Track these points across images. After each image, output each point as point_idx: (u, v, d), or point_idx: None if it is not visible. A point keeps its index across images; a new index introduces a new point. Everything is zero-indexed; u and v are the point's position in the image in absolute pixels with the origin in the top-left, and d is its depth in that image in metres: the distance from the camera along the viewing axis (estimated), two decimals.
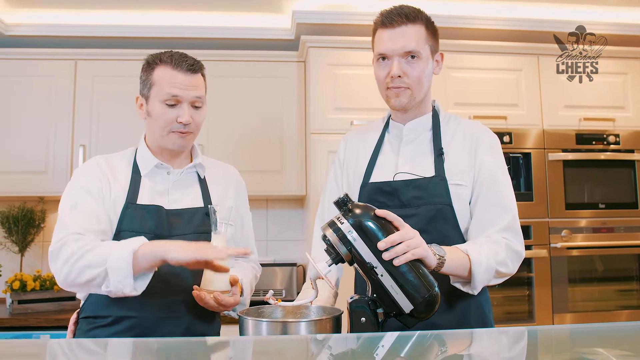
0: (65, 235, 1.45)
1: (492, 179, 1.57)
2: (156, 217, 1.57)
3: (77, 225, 1.47)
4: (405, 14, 1.55)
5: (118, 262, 1.37)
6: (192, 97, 1.58)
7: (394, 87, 1.58)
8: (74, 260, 1.41)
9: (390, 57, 1.57)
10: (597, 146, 2.99)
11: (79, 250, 1.41)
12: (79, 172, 1.62)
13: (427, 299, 1.29)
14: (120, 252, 1.38)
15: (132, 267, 1.38)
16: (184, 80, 1.57)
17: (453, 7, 2.98)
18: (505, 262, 1.50)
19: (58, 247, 1.45)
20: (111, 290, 1.40)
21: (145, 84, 1.62)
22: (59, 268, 1.44)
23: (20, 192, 3.01)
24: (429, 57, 1.57)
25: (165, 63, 1.59)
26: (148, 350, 1.15)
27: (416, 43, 1.54)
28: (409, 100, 1.59)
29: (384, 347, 1.17)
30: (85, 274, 1.41)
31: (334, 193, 1.75)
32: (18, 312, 2.79)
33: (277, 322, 1.29)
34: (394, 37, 1.55)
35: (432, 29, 1.60)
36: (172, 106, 1.57)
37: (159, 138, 1.61)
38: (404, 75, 1.55)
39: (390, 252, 1.27)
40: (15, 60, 3.04)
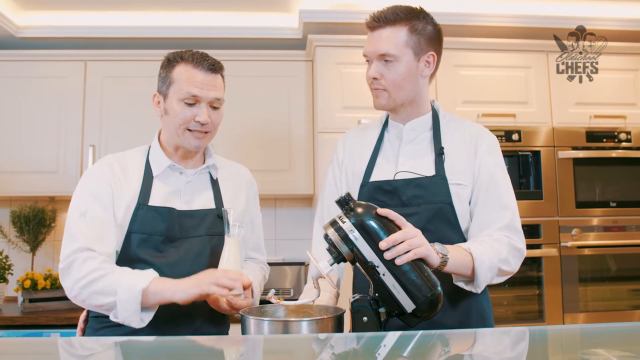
0: (75, 251, 1.46)
1: (491, 179, 1.58)
2: (168, 219, 1.56)
3: (86, 239, 1.47)
4: (385, 17, 1.56)
5: (127, 299, 1.40)
6: (211, 97, 1.57)
7: (373, 89, 1.62)
8: (85, 284, 1.43)
9: (370, 59, 1.59)
10: (607, 144, 2.95)
11: (90, 275, 1.43)
12: (89, 175, 1.61)
13: (429, 299, 1.29)
14: (131, 289, 1.40)
15: (140, 305, 1.41)
16: (204, 80, 1.55)
17: (461, 4, 2.96)
18: (507, 260, 1.51)
19: (68, 264, 1.46)
20: (119, 319, 1.44)
21: (165, 81, 1.59)
22: (69, 287, 1.46)
23: (31, 192, 3.04)
24: (410, 60, 1.56)
25: (186, 61, 1.57)
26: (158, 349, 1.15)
27: (392, 46, 1.54)
28: (387, 101, 1.61)
29: (386, 346, 1.17)
30: (94, 300, 1.44)
31: (332, 193, 1.76)
32: (29, 311, 2.82)
33: (278, 321, 1.29)
34: (371, 39, 1.58)
35: (422, 30, 1.57)
36: (191, 105, 1.56)
37: (175, 136, 1.60)
38: (380, 77, 1.58)
39: (391, 252, 1.27)
40: (26, 61, 3.07)
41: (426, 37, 1.58)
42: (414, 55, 1.57)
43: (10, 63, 3.07)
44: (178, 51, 1.61)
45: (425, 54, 1.59)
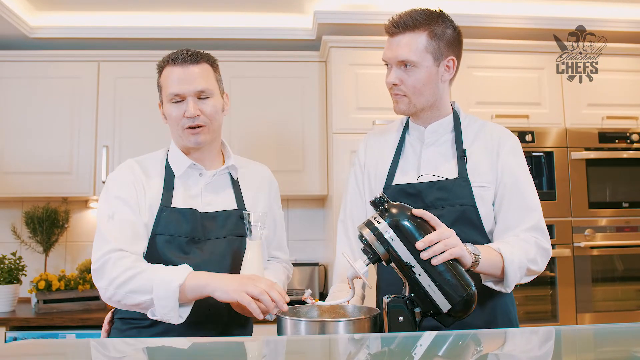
0: (107, 252, 1.45)
1: (515, 181, 1.59)
2: (191, 220, 1.56)
3: (117, 240, 1.47)
4: (404, 22, 1.56)
5: (165, 295, 1.39)
6: (193, 90, 1.55)
7: (393, 94, 1.62)
8: (120, 284, 1.42)
9: (390, 65, 1.60)
10: (620, 144, 2.97)
11: (124, 274, 1.42)
12: (114, 179, 1.61)
13: (464, 298, 1.30)
14: (167, 285, 1.39)
15: (178, 301, 1.40)
16: (183, 75, 1.55)
17: (474, 6, 2.97)
18: (535, 260, 1.52)
19: (101, 265, 1.45)
20: (157, 317, 1.43)
21: (158, 88, 1.64)
22: (104, 287, 1.45)
23: (45, 192, 3.03)
24: (430, 65, 1.56)
25: (167, 62, 1.60)
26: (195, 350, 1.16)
27: (412, 53, 1.54)
28: (407, 107, 1.61)
29: (422, 346, 1.18)
30: (131, 299, 1.43)
31: (355, 196, 1.76)
32: (44, 312, 2.82)
33: (315, 321, 1.30)
34: (391, 46, 1.59)
35: (441, 35, 1.57)
36: (178, 103, 1.57)
37: (178, 139, 1.62)
38: (400, 83, 1.58)
39: (428, 252, 1.28)
40: (39, 62, 3.07)
41: (446, 41, 1.58)
42: (434, 60, 1.57)
43: (23, 64, 3.07)
44: (166, 56, 1.63)
45: (445, 59, 1.59)
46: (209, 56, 1.64)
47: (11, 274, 2.87)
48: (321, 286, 3.18)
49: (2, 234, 3.28)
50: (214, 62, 1.65)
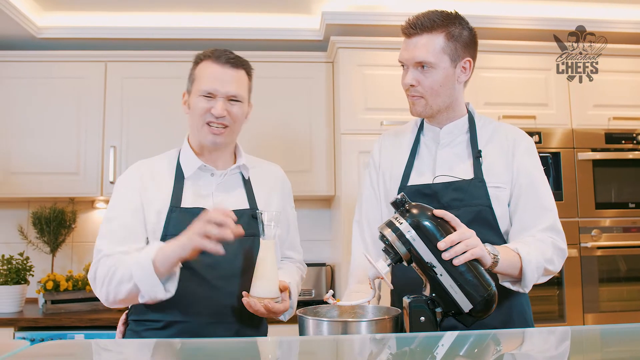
0: (98, 260, 1.52)
1: (531, 181, 1.60)
2: None
3: (109, 246, 1.52)
4: (422, 23, 1.56)
5: (142, 274, 1.42)
6: (227, 92, 1.58)
7: (410, 96, 1.63)
8: (108, 282, 1.48)
9: (407, 66, 1.60)
10: (626, 145, 2.98)
11: (108, 272, 1.48)
12: (119, 182, 1.66)
13: (485, 298, 1.30)
14: (141, 265, 1.42)
15: (155, 275, 1.42)
16: (221, 74, 1.58)
17: (481, 7, 2.98)
18: (552, 260, 1.53)
19: (93, 273, 1.53)
20: (147, 299, 1.46)
21: (190, 79, 1.65)
22: (98, 291, 1.52)
23: (52, 193, 3.03)
24: (447, 66, 1.57)
25: (208, 57, 1.62)
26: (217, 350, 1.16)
27: (430, 54, 1.55)
28: (423, 108, 1.62)
29: (444, 346, 1.18)
30: (121, 292, 1.47)
31: (371, 197, 1.77)
32: (51, 312, 2.82)
33: (338, 321, 1.30)
34: (408, 47, 1.59)
35: (458, 36, 1.57)
36: (208, 98, 1.58)
37: (197, 132, 1.62)
38: (417, 84, 1.58)
39: (450, 252, 1.29)
40: (46, 62, 3.07)
41: (462, 42, 1.59)
42: (451, 61, 1.57)
43: (30, 64, 3.06)
44: (204, 51, 1.66)
45: (462, 60, 1.60)
46: (248, 64, 1.66)
47: (19, 274, 2.87)
48: (328, 286, 3.18)
49: (9, 234, 3.28)
50: (250, 71, 1.67)
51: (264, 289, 1.47)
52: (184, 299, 1.53)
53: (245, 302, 1.48)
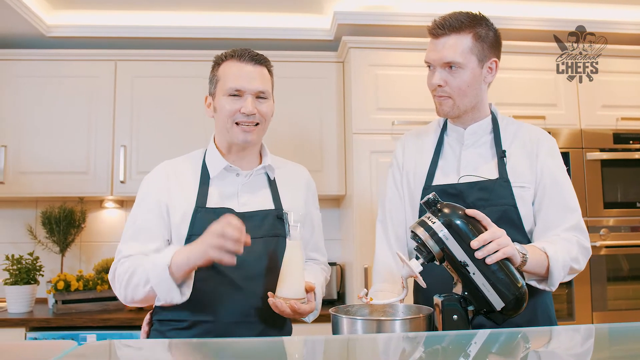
0: (118, 260, 1.56)
1: (555, 181, 1.62)
2: None
3: (129, 248, 1.55)
4: (450, 24, 1.57)
5: (159, 279, 1.44)
6: (255, 89, 1.58)
7: (437, 96, 1.63)
8: (125, 283, 1.51)
9: (434, 67, 1.61)
10: (634, 145, 3.01)
11: (126, 274, 1.51)
12: (145, 182, 1.66)
13: (517, 297, 1.32)
14: (157, 270, 1.44)
15: (171, 280, 1.44)
16: (247, 72, 1.57)
17: (491, 7, 3.00)
18: (577, 259, 1.55)
19: (113, 273, 1.58)
20: (163, 303, 1.48)
21: (212, 81, 1.64)
22: (117, 292, 1.56)
23: (61, 192, 3.01)
24: (475, 67, 1.58)
25: (230, 57, 1.61)
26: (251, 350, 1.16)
27: (458, 54, 1.56)
28: (451, 108, 1.63)
29: (477, 344, 1.20)
30: (138, 293, 1.50)
31: (394, 197, 1.78)
32: (62, 312, 2.81)
33: (372, 320, 1.31)
34: (436, 47, 1.60)
35: (485, 37, 1.59)
36: (235, 98, 1.57)
37: (225, 132, 1.61)
38: (444, 84, 1.59)
39: (482, 251, 1.30)
40: (56, 61, 3.05)
41: (489, 43, 1.61)
42: (478, 62, 1.59)
43: (40, 62, 3.05)
44: (224, 51, 1.65)
45: (488, 61, 1.61)
46: (269, 61, 1.66)
47: (29, 274, 2.85)
48: (338, 286, 3.19)
49: (18, 234, 3.26)
50: (271, 68, 1.68)
51: (290, 290, 1.47)
52: (209, 299, 1.53)
53: (271, 302, 1.48)
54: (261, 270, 1.57)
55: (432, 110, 2.90)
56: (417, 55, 2.97)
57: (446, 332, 1.32)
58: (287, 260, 1.52)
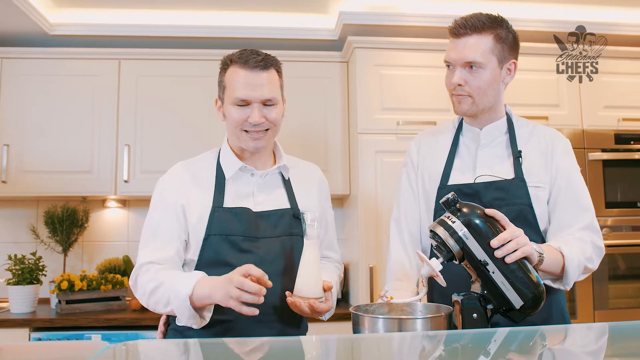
0: (138, 267, 1.56)
1: (569, 182, 1.64)
2: (245, 219, 1.57)
3: (150, 250, 1.56)
4: (472, 25, 1.58)
5: (179, 305, 1.45)
6: (260, 98, 1.54)
7: (456, 95, 1.64)
8: (148, 296, 1.53)
9: (454, 66, 1.62)
10: (635, 146, 3.04)
11: (147, 288, 1.51)
12: (160, 185, 1.66)
13: (535, 295, 1.34)
14: (179, 298, 1.44)
15: (192, 309, 1.45)
16: (252, 80, 1.53)
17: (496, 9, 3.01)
18: (592, 258, 1.57)
19: (134, 279, 1.57)
20: (182, 324, 1.50)
21: (220, 86, 1.62)
22: (139, 298, 1.57)
23: (64, 191, 3.00)
24: (495, 67, 1.60)
25: (235, 62, 1.57)
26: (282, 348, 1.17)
27: (479, 54, 1.57)
28: (469, 107, 1.64)
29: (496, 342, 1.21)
30: (159, 309, 1.53)
31: (409, 195, 1.79)
32: (66, 312, 2.79)
33: (394, 318, 1.32)
34: (457, 47, 1.61)
35: (508, 39, 1.61)
36: (242, 107, 1.55)
37: (235, 139, 1.62)
38: (465, 84, 1.61)
39: (502, 250, 1.31)
40: (59, 59, 3.04)
41: (508, 44, 1.62)
42: (498, 62, 1.61)
43: (43, 61, 3.03)
44: (231, 53, 1.61)
45: (508, 62, 1.63)
46: (277, 62, 1.62)
47: (32, 274, 2.84)
48: (342, 285, 3.19)
49: (20, 233, 3.25)
50: (280, 67, 1.64)
51: (309, 289, 1.48)
52: None
53: (290, 301, 1.49)
54: (279, 270, 1.57)
55: (437, 110, 2.95)
56: (422, 55, 2.99)
57: (467, 330, 1.33)
58: (305, 259, 1.52)
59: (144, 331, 2.72)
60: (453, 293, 1.40)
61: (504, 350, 1.16)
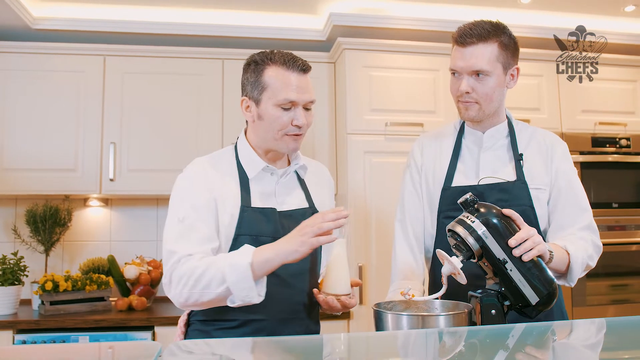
0: (176, 261, 1.46)
1: (569, 184, 1.72)
2: (272, 219, 1.57)
3: (185, 247, 1.47)
4: (478, 34, 1.62)
5: (239, 277, 1.38)
6: (307, 100, 1.55)
7: (463, 102, 1.68)
8: (192, 285, 1.42)
9: (460, 74, 1.66)
10: (610, 149, 3.19)
11: (194, 274, 1.42)
12: (185, 180, 1.58)
13: (550, 292, 1.39)
14: (238, 267, 1.38)
15: (252, 279, 1.39)
16: (299, 83, 1.53)
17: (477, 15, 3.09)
18: (592, 257, 1.65)
19: (169, 276, 1.46)
20: (237, 303, 1.42)
21: (255, 85, 1.55)
22: (177, 293, 1.45)
23: (48, 190, 2.92)
24: (500, 74, 1.65)
25: (276, 63, 1.53)
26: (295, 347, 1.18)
27: (485, 62, 1.61)
28: (477, 113, 1.69)
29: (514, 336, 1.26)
30: (207, 295, 1.42)
31: (412, 196, 1.82)
32: (50, 314, 2.72)
33: (418, 315, 1.35)
34: (464, 56, 1.64)
35: (510, 46, 1.66)
36: (287, 109, 1.53)
37: (271, 141, 1.57)
38: (472, 91, 1.65)
39: (520, 248, 1.36)
40: (42, 54, 2.95)
41: (511, 51, 1.67)
42: (503, 69, 1.66)
43: (26, 55, 2.94)
44: (264, 52, 1.59)
45: (511, 68, 1.69)
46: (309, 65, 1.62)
47: (14, 275, 2.75)
48: None
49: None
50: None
51: (341, 286, 1.50)
52: None
53: (321, 299, 1.50)
54: (305, 267, 1.59)
55: (424, 112, 3.01)
56: (410, 58, 3.04)
57: (486, 326, 1.37)
58: (335, 257, 1.54)
59: (132, 332, 2.67)
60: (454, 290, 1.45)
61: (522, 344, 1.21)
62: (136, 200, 3.29)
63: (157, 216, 3.31)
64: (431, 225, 1.78)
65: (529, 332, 1.30)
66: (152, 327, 2.69)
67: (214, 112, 3.08)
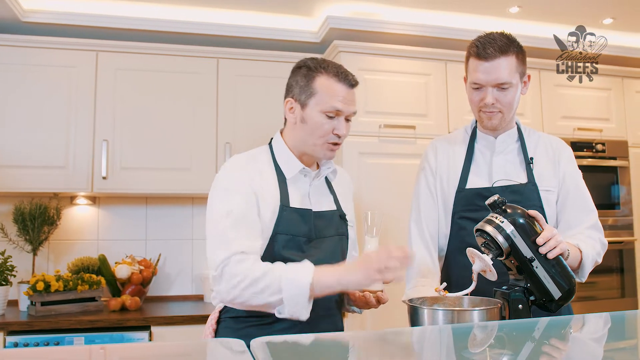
0: (228, 257, 1.47)
1: (576, 186, 1.83)
2: (307, 220, 1.61)
3: (236, 241, 1.49)
4: (500, 47, 1.69)
5: (296, 293, 1.42)
6: (351, 111, 1.61)
7: (487, 112, 1.77)
8: (245, 286, 1.44)
9: (484, 87, 1.74)
10: (587, 153, 3.36)
11: (248, 276, 1.44)
12: (227, 174, 1.60)
13: (570, 287, 1.50)
14: (297, 284, 1.42)
15: (308, 299, 1.44)
16: (347, 95, 1.59)
17: (466, 21, 3.21)
18: (600, 254, 1.77)
19: (221, 268, 1.47)
20: (284, 315, 1.46)
21: (305, 90, 1.60)
22: (226, 291, 1.47)
23: (38, 187, 2.85)
24: (518, 83, 1.75)
25: (329, 73, 1.58)
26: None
27: (507, 74, 1.70)
28: (499, 122, 1.79)
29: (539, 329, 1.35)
30: (257, 300, 1.45)
31: (427, 198, 1.90)
32: (41, 315, 2.65)
33: (453, 310, 1.41)
34: (488, 70, 1.70)
35: (522, 55, 1.76)
36: (331, 118, 1.58)
37: (311, 146, 1.61)
38: (496, 102, 1.74)
39: (545, 247, 1.46)
40: (32, 48, 2.87)
41: (524, 60, 1.78)
42: (520, 78, 1.76)
43: (15, 49, 2.85)
44: (317, 60, 1.63)
45: (524, 76, 1.79)
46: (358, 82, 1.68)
47: (1, 275, 2.67)
48: None
49: None
50: None
51: (376, 283, 1.55)
52: None
53: (358, 295, 1.56)
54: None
55: (416, 115, 3.09)
56: (404, 62, 3.12)
57: (518, 320, 1.45)
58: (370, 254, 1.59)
59: (128, 332, 2.64)
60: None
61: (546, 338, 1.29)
62: (125, 199, 3.24)
63: (146, 215, 3.27)
64: (445, 226, 1.86)
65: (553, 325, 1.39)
66: (148, 327, 2.66)
67: (209, 110, 3.07)
